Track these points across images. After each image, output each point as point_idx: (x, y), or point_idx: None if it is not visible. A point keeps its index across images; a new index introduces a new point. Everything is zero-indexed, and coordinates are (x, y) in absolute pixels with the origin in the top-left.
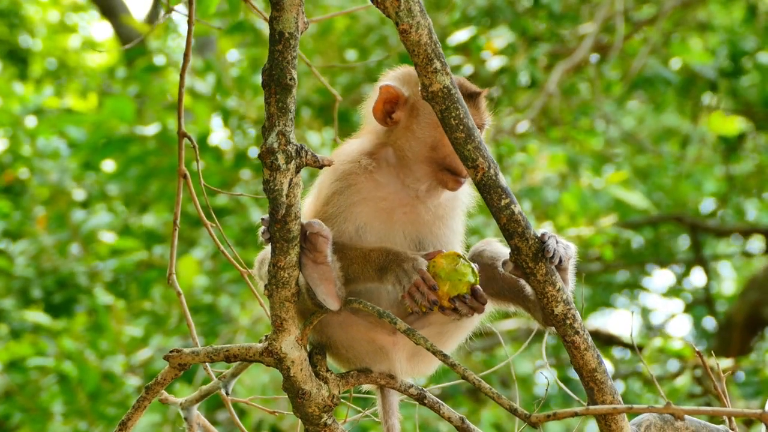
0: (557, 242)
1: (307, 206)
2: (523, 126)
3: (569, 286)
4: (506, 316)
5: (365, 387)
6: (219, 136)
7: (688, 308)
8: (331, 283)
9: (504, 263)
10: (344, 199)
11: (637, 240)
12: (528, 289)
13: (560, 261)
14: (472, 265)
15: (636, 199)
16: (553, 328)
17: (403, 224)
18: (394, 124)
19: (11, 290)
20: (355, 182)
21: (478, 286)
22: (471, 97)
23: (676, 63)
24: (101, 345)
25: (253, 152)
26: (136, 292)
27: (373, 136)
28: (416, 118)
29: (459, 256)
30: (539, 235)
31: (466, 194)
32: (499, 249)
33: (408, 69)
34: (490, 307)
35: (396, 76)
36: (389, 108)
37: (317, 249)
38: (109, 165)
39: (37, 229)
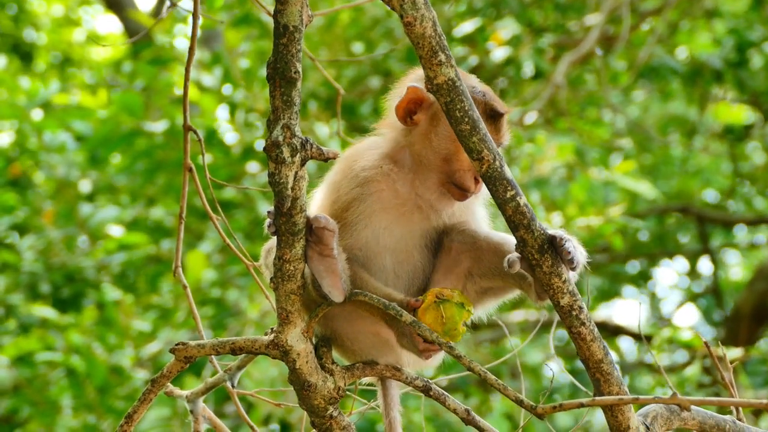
0: (574, 246)
1: (320, 203)
2: (531, 117)
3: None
4: (515, 306)
5: (368, 379)
6: (226, 129)
7: (696, 298)
8: (337, 275)
9: (509, 264)
10: (365, 207)
11: (643, 231)
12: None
13: (576, 265)
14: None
15: (644, 188)
16: (544, 303)
17: (421, 224)
18: (414, 125)
19: (19, 285)
20: (377, 190)
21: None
22: (493, 117)
23: (682, 53)
24: (109, 339)
25: (260, 145)
26: (144, 287)
27: (393, 134)
28: (435, 127)
29: (461, 306)
30: (553, 234)
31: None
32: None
33: None
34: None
35: (421, 78)
36: (412, 108)
37: (323, 242)
38: (116, 159)
39: (44, 223)
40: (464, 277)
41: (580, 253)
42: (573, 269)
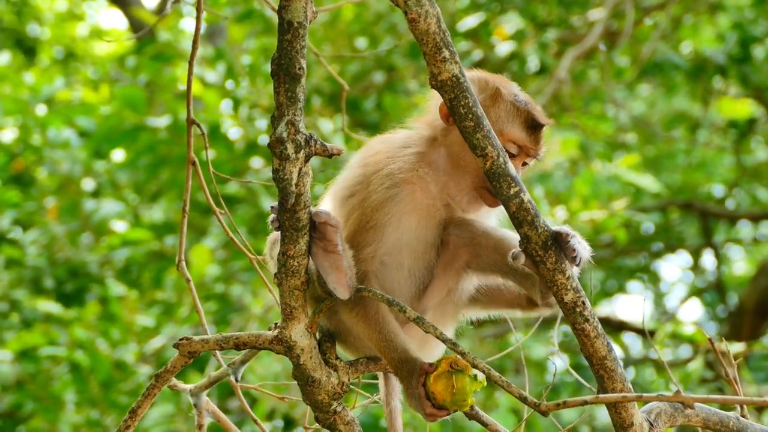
0: (578, 242)
1: (341, 200)
2: None
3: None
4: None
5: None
6: (229, 124)
7: (699, 293)
8: (342, 272)
9: (514, 257)
10: (397, 208)
11: (647, 225)
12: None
13: (580, 261)
14: (477, 376)
15: (648, 182)
16: (549, 307)
17: (439, 222)
18: (453, 125)
19: (23, 280)
20: (411, 191)
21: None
22: (533, 128)
23: (686, 48)
24: (113, 334)
25: (264, 140)
26: (148, 282)
27: (430, 132)
28: None
29: (474, 378)
30: (558, 230)
31: None
32: (491, 227)
33: (487, 76)
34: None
35: (474, 78)
36: None
37: (327, 238)
38: (119, 154)
39: (48, 218)
40: (462, 272)
41: (584, 249)
42: (577, 266)
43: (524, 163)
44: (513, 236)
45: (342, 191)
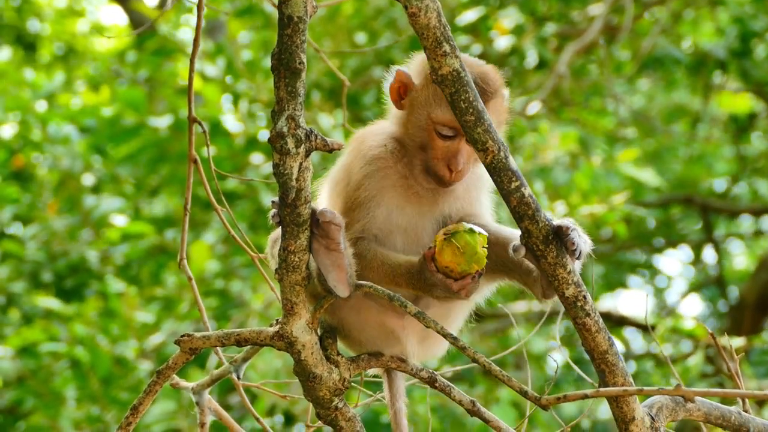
0: (579, 236)
1: (331, 191)
2: (534, 107)
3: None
4: (518, 297)
5: (374, 371)
6: (229, 119)
7: (700, 287)
8: (343, 270)
9: (514, 249)
10: (375, 183)
11: (650, 219)
12: (527, 263)
13: (580, 255)
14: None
15: (648, 176)
16: (550, 302)
17: (431, 207)
18: (403, 108)
19: (22, 274)
20: (384, 166)
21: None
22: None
23: (686, 42)
24: (113, 330)
25: (264, 136)
26: (148, 278)
27: (394, 118)
28: (411, 114)
29: (471, 231)
30: (559, 224)
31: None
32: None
33: (424, 59)
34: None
35: (414, 64)
36: (403, 92)
37: (330, 236)
38: (119, 151)
39: (47, 214)
40: None
41: (584, 243)
42: (577, 259)
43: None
44: (515, 232)
45: (331, 181)
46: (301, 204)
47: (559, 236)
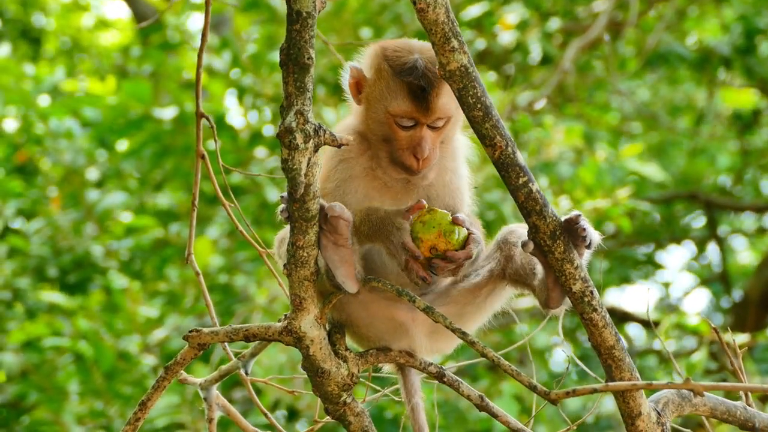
0: (588, 225)
1: None
2: (540, 103)
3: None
4: (522, 294)
5: (385, 368)
6: (234, 114)
7: (703, 284)
8: (351, 265)
9: (523, 244)
10: (339, 174)
11: (654, 215)
12: (537, 270)
13: (590, 244)
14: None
15: (652, 170)
16: (552, 311)
17: (403, 195)
18: (361, 104)
19: (26, 269)
20: (347, 158)
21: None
22: (418, 94)
23: (691, 39)
24: (117, 325)
25: (268, 130)
26: (152, 272)
27: (355, 114)
28: (369, 109)
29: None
30: (568, 217)
31: (464, 146)
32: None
33: (376, 55)
34: (505, 288)
35: (365, 57)
36: (360, 88)
37: (338, 232)
38: (123, 144)
39: (51, 208)
40: (498, 277)
41: (594, 233)
42: (587, 248)
43: (433, 127)
44: (523, 229)
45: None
46: (310, 199)
47: (569, 226)
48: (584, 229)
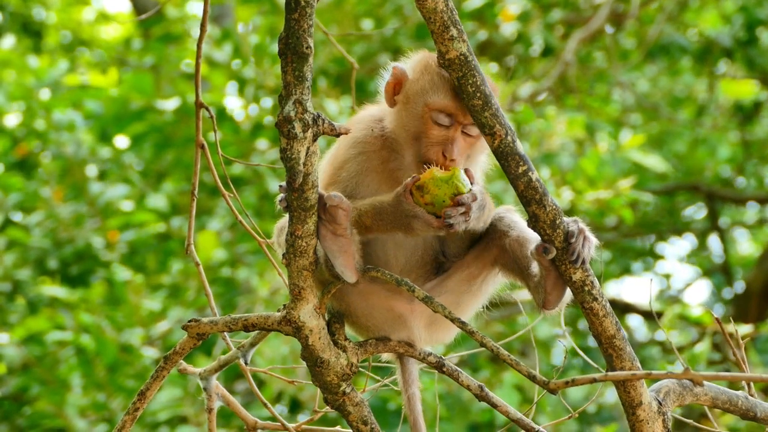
0: (584, 239)
1: (322, 171)
2: (541, 95)
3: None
4: (517, 286)
5: (385, 356)
6: (235, 105)
7: (705, 275)
8: (350, 255)
9: (545, 251)
10: (356, 166)
11: (653, 206)
12: (533, 268)
13: (583, 262)
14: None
15: (654, 161)
16: (547, 312)
17: None
18: (395, 107)
19: (27, 261)
20: (368, 150)
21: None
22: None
23: (692, 30)
24: (118, 318)
25: (269, 121)
26: (154, 265)
27: (386, 115)
28: (407, 104)
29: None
30: (567, 229)
31: (484, 163)
32: (518, 220)
33: (423, 56)
34: (498, 275)
35: (411, 60)
36: (397, 88)
37: (337, 221)
38: (124, 140)
39: (53, 201)
40: (490, 265)
41: (587, 249)
42: (575, 265)
43: (467, 134)
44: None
45: (324, 163)
46: (309, 189)
47: (567, 239)
48: (573, 255)
